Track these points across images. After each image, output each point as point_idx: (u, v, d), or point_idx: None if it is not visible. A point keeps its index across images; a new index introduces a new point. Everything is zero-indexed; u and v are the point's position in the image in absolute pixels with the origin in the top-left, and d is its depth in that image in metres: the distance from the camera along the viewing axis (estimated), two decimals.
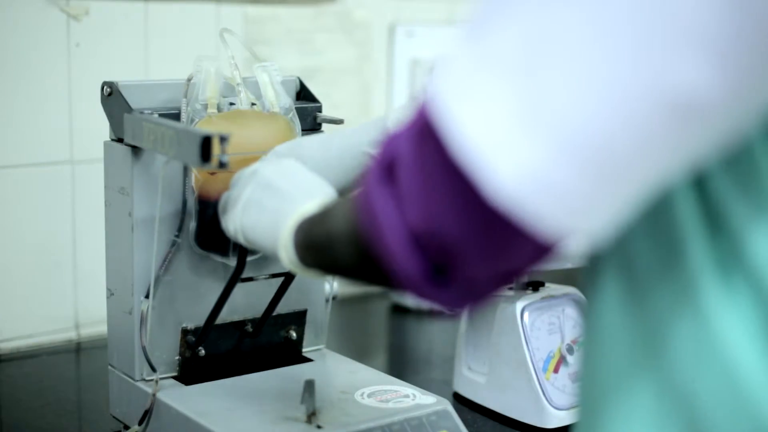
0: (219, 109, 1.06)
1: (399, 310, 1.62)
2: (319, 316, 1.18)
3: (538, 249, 0.52)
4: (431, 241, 0.55)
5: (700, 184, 0.54)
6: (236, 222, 0.92)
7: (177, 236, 1.07)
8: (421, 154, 0.54)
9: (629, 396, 0.57)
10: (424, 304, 0.60)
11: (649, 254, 0.57)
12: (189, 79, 1.06)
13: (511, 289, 1.20)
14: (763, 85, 0.48)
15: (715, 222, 0.54)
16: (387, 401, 1.04)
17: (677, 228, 0.55)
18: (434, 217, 0.54)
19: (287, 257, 0.84)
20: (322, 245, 0.75)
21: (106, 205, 1.09)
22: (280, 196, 0.87)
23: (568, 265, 0.72)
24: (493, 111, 0.49)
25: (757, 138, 0.52)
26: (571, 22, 0.48)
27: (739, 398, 0.53)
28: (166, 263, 1.06)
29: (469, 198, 0.51)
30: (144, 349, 1.05)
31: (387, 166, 0.56)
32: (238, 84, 1.07)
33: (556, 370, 1.16)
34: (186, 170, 1.06)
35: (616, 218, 0.52)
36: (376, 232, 0.57)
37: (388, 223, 0.56)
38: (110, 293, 1.10)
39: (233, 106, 1.07)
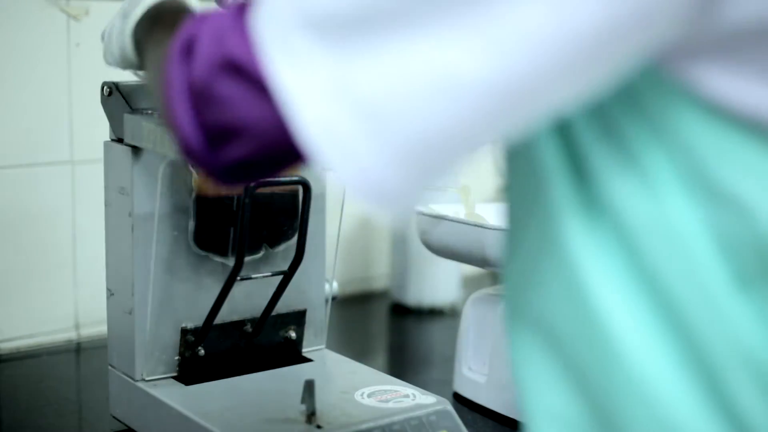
0: None
1: (399, 310, 1.62)
2: (319, 316, 1.18)
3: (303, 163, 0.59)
4: (211, 114, 0.60)
5: (563, 130, 0.57)
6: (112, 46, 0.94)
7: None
8: (223, 55, 0.58)
9: (515, 335, 0.62)
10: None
11: (517, 194, 0.62)
12: None
13: None
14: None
15: (578, 166, 0.57)
16: (387, 401, 1.04)
17: (542, 171, 0.58)
18: (226, 108, 0.59)
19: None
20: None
21: (106, 205, 1.09)
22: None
23: None
24: (309, 69, 0.54)
25: (611, 95, 0.55)
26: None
27: (601, 336, 0.56)
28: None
29: (267, 118, 0.56)
30: None
31: (188, 43, 0.60)
32: None
33: None
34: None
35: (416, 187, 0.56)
36: (168, 101, 0.62)
37: (177, 95, 0.60)
38: (110, 293, 1.10)
39: None
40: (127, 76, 1.10)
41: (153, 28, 0.83)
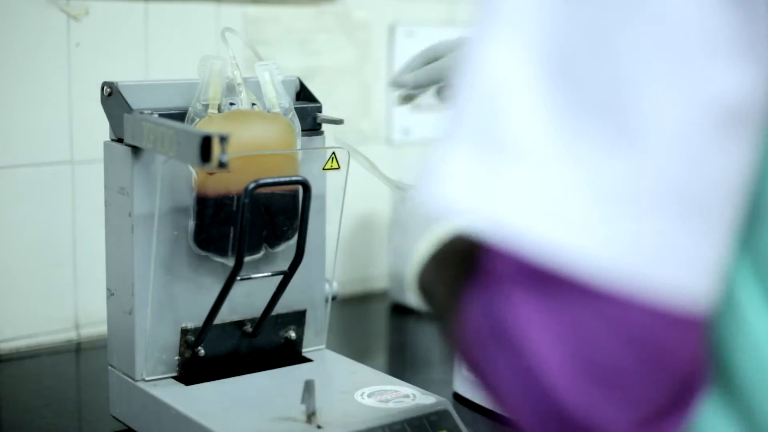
0: (219, 110, 1.06)
1: (399, 310, 1.62)
2: (319, 316, 1.18)
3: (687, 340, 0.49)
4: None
5: None
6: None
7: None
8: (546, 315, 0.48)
9: None
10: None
11: None
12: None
13: None
14: None
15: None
16: (387, 401, 1.04)
17: None
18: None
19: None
20: None
21: (106, 205, 1.09)
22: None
23: None
24: (571, 210, 0.46)
25: None
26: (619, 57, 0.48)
27: None
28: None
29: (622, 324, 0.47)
30: None
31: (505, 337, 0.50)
32: (238, 84, 1.07)
33: None
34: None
35: (719, 262, 0.49)
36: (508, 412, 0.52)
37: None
38: (110, 293, 1.10)
39: (233, 107, 1.07)
40: (126, 76, 1.10)
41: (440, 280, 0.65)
